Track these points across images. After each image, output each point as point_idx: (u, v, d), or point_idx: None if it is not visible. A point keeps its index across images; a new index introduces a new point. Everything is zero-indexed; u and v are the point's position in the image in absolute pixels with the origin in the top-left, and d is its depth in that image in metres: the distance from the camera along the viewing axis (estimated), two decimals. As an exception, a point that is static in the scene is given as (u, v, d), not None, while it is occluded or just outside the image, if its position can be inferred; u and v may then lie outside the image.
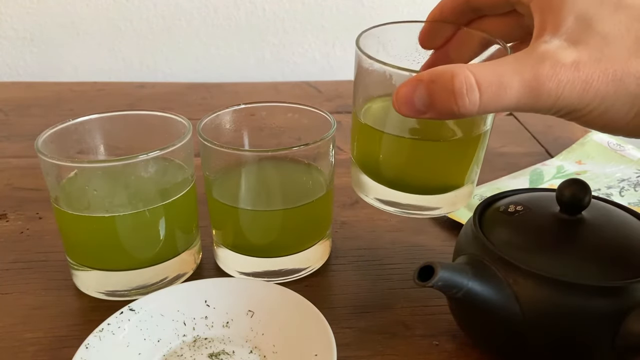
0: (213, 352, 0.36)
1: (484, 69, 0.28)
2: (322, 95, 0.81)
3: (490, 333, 0.34)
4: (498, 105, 0.28)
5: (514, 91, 0.28)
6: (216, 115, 0.43)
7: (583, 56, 0.28)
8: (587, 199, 0.33)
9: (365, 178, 0.40)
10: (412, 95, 0.29)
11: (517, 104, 0.28)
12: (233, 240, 0.43)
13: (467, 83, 0.28)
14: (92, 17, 0.88)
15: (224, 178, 0.42)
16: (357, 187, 0.41)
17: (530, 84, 0.28)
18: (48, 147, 0.39)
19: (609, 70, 0.28)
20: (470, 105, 0.28)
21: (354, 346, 0.37)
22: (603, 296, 0.30)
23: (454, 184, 0.38)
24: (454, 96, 0.28)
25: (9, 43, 0.89)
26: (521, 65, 0.28)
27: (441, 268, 0.30)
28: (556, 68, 0.28)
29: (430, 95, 0.29)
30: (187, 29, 0.90)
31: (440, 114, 0.29)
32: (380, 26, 0.39)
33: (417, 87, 0.29)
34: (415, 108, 0.29)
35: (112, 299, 0.41)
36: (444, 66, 0.29)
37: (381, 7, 0.91)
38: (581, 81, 0.28)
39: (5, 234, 0.48)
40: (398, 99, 0.30)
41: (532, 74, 0.28)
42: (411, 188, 0.38)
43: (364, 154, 0.40)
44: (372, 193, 0.40)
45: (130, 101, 0.78)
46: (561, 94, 0.28)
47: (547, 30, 0.29)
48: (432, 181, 0.38)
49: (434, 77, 0.29)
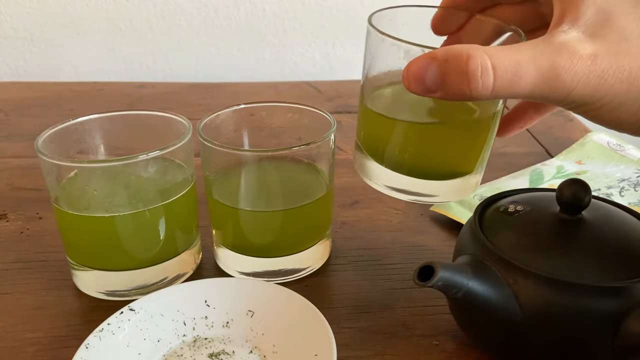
0: (213, 352, 0.36)
1: (501, 53, 0.27)
2: (322, 95, 0.81)
3: (490, 333, 0.34)
4: (511, 92, 0.28)
5: (530, 79, 0.27)
6: (216, 115, 0.43)
7: (600, 50, 0.28)
8: (587, 199, 0.33)
9: (371, 163, 0.39)
10: (423, 73, 0.28)
11: (531, 93, 0.28)
12: (233, 240, 0.43)
13: (482, 66, 0.27)
14: (92, 17, 0.88)
15: (224, 178, 0.42)
16: (361, 172, 0.40)
17: (547, 74, 0.27)
18: (48, 147, 0.39)
19: (625, 66, 0.28)
20: (482, 89, 0.27)
21: (354, 346, 0.37)
22: (603, 296, 0.30)
23: (463, 169, 0.37)
24: (467, 78, 0.27)
25: (9, 43, 0.89)
26: (539, 53, 0.27)
27: (441, 268, 0.30)
28: (573, 60, 0.27)
29: (443, 74, 0.28)
30: (187, 29, 0.90)
31: (450, 95, 0.28)
32: (393, 8, 0.38)
33: (430, 65, 0.28)
34: (425, 86, 0.28)
35: (112, 299, 0.41)
36: (460, 45, 0.28)
37: (381, 7, 0.91)
38: (596, 75, 0.28)
39: (5, 234, 0.48)
40: (409, 74, 0.29)
41: (549, 63, 0.27)
42: (419, 173, 0.37)
43: (371, 138, 0.38)
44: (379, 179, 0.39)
45: (130, 101, 0.78)
46: (576, 86, 0.27)
47: (566, 19, 0.29)
48: (440, 165, 0.37)
49: (448, 56, 0.28)
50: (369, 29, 0.35)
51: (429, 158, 0.37)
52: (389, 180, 0.38)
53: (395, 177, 0.38)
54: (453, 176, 0.37)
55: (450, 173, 0.37)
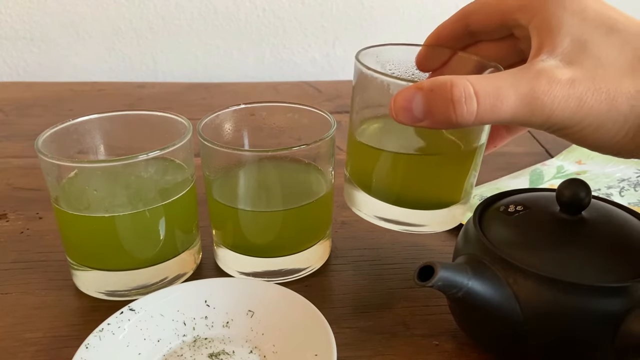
0: (213, 352, 0.36)
1: (483, 81, 0.29)
2: (322, 95, 0.81)
3: (490, 333, 0.34)
4: (494, 117, 0.29)
5: (511, 103, 0.29)
6: (216, 115, 0.43)
7: (578, 75, 0.29)
8: (587, 199, 0.33)
9: (360, 193, 0.41)
10: (410, 103, 0.30)
11: (512, 117, 0.29)
12: (233, 240, 0.43)
13: (465, 92, 0.29)
14: (92, 17, 0.88)
15: (224, 178, 0.42)
16: (351, 203, 0.42)
17: (526, 97, 0.29)
18: (48, 147, 0.39)
19: (602, 89, 0.29)
20: (467, 115, 0.29)
21: (354, 346, 0.37)
22: (603, 296, 0.30)
23: (449, 200, 0.39)
24: (453, 104, 0.29)
25: (9, 43, 0.89)
26: (518, 79, 0.29)
27: (441, 268, 0.30)
28: (552, 84, 0.29)
29: (429, 102, 0.29)
30: (187, 29, 0.90)
31: (437, 123, 0.30)
32: (379, 46, 0.40)
33: (416, 95, 0.30)
34: (412, 115, 0.30)
35: (112, 299, 0.41)
36: (444, 76, 0.29)
37: (381, 7, 0.91)
38: (575, 98, 0.29)
39: (5, 234, 0.48)
40: (396, 105, 0.30)
41: (528, 87, 0.29)
42: (406, 203, 0.39)
43: (359, 169, 0.40)
44: (368, 209, 0.41)
45: (130, 101, 0.78)
46: (555, 109, 0.29)
47: (544, 50, 0.31)
48: (426, 195, 0.39)
49: (434, 86, 0.29)
50: (356, 64, 0.37)
51: (416, 188, 0.39)
52: (378, 210, 0.40)
53: (383, 208, 0.40)
54: (440, 206, 0.39)
55: (437, 203, 0.39)
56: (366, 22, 0.92)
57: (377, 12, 0.91)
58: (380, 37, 0.92)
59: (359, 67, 0.37)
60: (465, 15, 0.38)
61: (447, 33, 0.39)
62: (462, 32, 0.38)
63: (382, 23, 0.92)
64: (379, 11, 0.91)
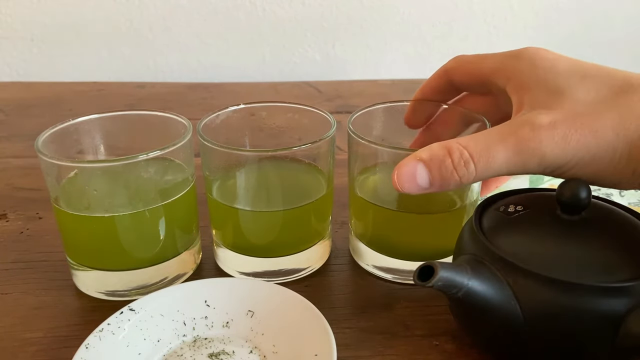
0: (213, 352, 0.36)
1: (473, 141, 0.31)
2: (322, 95, 0.81)
3: (490, 333, 0.34)
4: (491, 171, 0.31)
5: (502, 156, 0.31)
6: (216, 115, 0.43)
7: (558, 117, 0.31)
8: (587, 199, 0.33)
9: (360, 244, 0.43)
10: (413, 174, 0.32)
11: (507, 167, 0.31)
12: (233, 240, 0.43)
13: (463, 157, 0.31)
14: (92, 17, 0.88)
15: (224, 178, 0.42)
16: (353, 252, 0.45)
17: (514, 147, 0.31)
18: (48, 147, 0.39)
19: (585, 124, 0.31)
20: (469, 175, 0.31)
21: (354, 346, 0.37)
22: (603, 296, 0.30)
23: (443, 252, 0.41)
24: (455, 170, 0.31)
25: (9, 43, 0.89)
26: (503, 133, 0.31)
27: (441, 268, 0.30)
28: (535, 130, 0.31)
29: (431, 171, 0.31)
30: (187, 29, 0.90)
31: (444, 187, 0.32)
32: (369, 108, 0.43)
33: (417, 166, 0.32)
34: (417, 185, 0.32)
35: (112, 299, 0.41)
36: (437, 144, 0.32)
37: (381, 7, 0.91)
38: (560, 137, 0.31)
39: (5, 234, 0.48)
40: (400, 179, 0.32)
41: (514, 138, 0.31)
42: (401, 255, 0.42)
43: (359, 222, 0.43)
44: (366, 259, 0.44)
45: (130, 101, 0.78)
46: (545, 151, 0.31)
47: (525, 106, 0.33)
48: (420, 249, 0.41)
49: (432, 155, 0.31)
50: (349, 132, 0.40)
51: (410, 242, 0.42)
52: (376, 260, 0.43)
53: (380, 259, 0.42)
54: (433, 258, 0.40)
55: (430, 255, 0.41)
56: (366, 22, 0.92)
57: (377, 12, 0.91)
58: (380, 37, 0.92)
59: (351, 136, 0.40)
60: (447, 71, 0.40)
61: (432, 87, 0.41)
62: (446, 87, 0.41)
63: (382, 23, 0.92)
64: (379, 11, 0.91)
